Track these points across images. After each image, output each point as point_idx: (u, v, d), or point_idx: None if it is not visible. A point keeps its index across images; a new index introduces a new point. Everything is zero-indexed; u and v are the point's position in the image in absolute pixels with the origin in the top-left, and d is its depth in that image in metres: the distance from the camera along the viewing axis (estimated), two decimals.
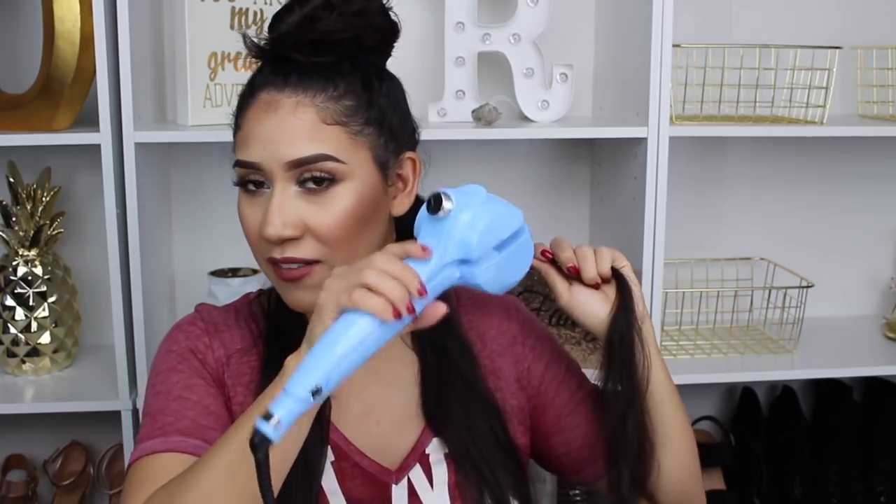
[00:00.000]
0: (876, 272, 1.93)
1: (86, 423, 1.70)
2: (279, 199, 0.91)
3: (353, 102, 0.93)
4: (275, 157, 0.91)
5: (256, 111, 0.93)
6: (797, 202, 1.89)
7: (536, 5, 1.58)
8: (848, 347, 1.75)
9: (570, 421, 1.10)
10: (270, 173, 0.92)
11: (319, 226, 0.92)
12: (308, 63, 0.92)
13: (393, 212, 0.99)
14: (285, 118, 0.91)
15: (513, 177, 1.78)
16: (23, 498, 1.67)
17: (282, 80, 0.93)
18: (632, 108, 1.56)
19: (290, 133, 0.91)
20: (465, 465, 1.00)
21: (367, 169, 0.94)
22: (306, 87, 0.92)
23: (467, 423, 1.02)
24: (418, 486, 1.01)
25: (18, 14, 1.61)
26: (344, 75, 0.93)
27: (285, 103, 0.92)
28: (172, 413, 0.95)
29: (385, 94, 0.97)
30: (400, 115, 0.99)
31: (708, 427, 1.90)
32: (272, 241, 0.92)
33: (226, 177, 1.77)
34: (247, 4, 1.53)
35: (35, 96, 1.46)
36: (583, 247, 1.03)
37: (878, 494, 1.81)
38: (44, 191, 1.54)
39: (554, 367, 1.11)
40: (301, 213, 0.92)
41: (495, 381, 1.07)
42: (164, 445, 0.92)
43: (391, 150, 0.97)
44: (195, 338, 1.00)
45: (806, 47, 1.65)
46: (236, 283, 1.56)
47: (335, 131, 0.92)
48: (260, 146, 0.92)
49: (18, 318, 1.53)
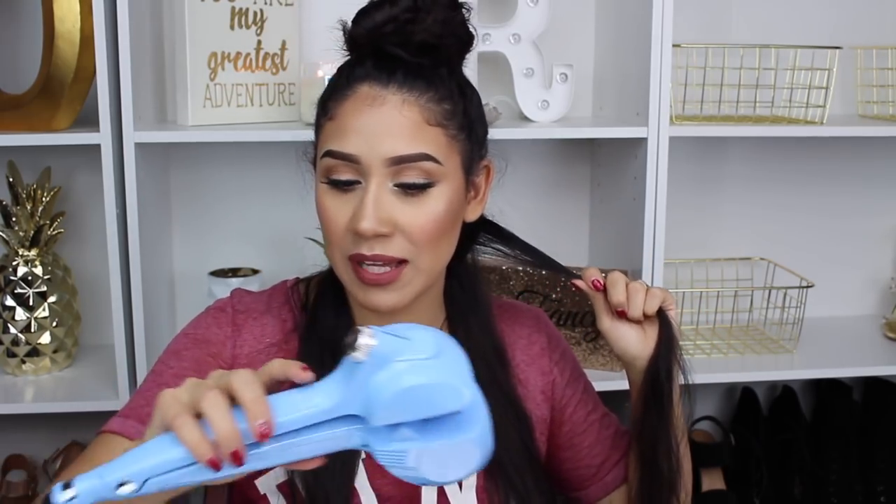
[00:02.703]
0: (876, 272, 1.93)
1: (86, 423, 1.69)
2: (375, 194, 0.90)
3: (451, 107, 0.94)
4: (375, 152, 0.90)
5: (357, 103, 0.92)
6: (797, 202, 1.89)
7: (536, 5, 1.58)
8: (848, 347, 1.75)
9: (582, 439, 1.13)
10: (368, 167, 0.91)
11: (412, 226, 0.91)
12: (414, 63, 0.92)
13: (466, 217, 1.00)
14: (390, 114, 0.91)
15: (513, 177, 1.76)
16: (23, 498, 1.67)
17: (386, 76, 0.92)
18: (632, 108, 1.56)
19: (394, 129, 0.90)
20: (495, 470, 1.01)
21: (458, 173, 0.95)
22: (412, 86, 0.92)
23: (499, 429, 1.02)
24: (448, 488, 1.01)
25: (18, 14, 1.61)
26: (443, 79, 0.94)
27: (391, 99, 0.91)
28: (147, 399, 0.94)
29: (475, 104, 0.98)
30: (483, 124, 1.01)
31: (708, 427, 1.90)
32: (366, 235, 0.90)
33: (226, 177, 1.77)
34: (247, 4, 1.53)
35: (35, 96, 1.46)
36: (636, 283, 1.04)
37: (878, 494, 1.81)
38: (44, 191, 1.54)
39: (574, 384, 1.14)
40: (394, 212, 0.91)
41: (523, 391, 1.08)
42: (119, 427, 0.93)
43: (476, 157, 0.98)
44: (219, 326, 1.00)
45: (806, 47, 1.65)
46: (236, 283, 1.56)
47: (436, 133, 0.92)
48: (361, 139, 0.91)
49: (18, 318, 1.53)
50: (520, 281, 1.61)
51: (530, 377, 1.10)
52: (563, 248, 1.79)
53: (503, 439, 1.01)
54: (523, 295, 1.61)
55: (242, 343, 1.00)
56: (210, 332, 1.00)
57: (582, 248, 1.82)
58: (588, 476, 1.14)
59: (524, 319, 1.13)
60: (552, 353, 1.12)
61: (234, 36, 1.53)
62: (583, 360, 1.60)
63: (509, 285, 1.61)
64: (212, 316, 1.01)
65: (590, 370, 1.59)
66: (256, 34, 1.55)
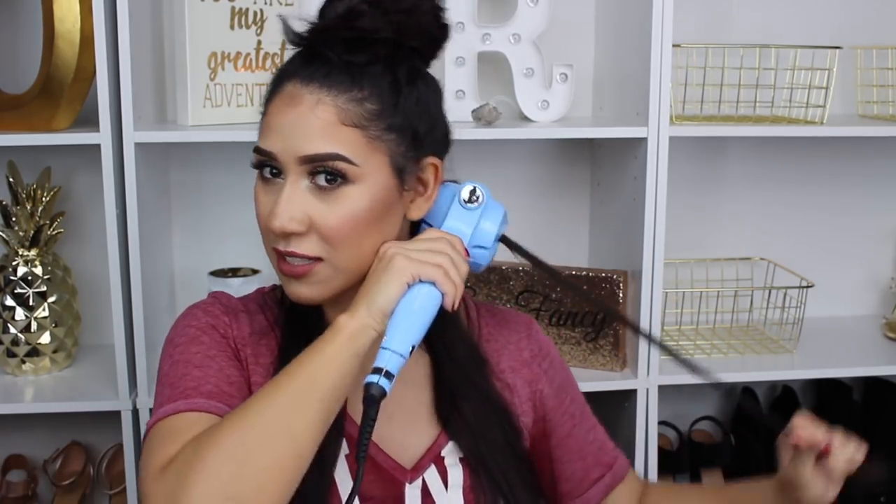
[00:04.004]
0: (876, 272, 1.93)
1: (86, 423, 1.70)
2: (289, 193, 0.91)
3: (377, 107, 0.92)
4: (290, 151, 0.91)
5: (280, 102, 0.93)
6: (797, 202, 1.89)
7: (536, 5, 1.58)
8: (848, 347, 1.75)
9: (562, 454, 1.12)
10: (285, 165, 0.92)
11: (325, 225, 0.91)
12: (339, 61, 0.91)
13: (410, 215, 0.98)
14: (304, 114, 0.91)
15: (513, 177, 1.78)
16: (23, 498, 1.67)
17: (308, 75, 0.92)
18: (632, 108, 1.56)
19: (306, 129, 0.91)
20: (481, 471, 1.01)
21: (382, 173, 0.93)
22: (331, 86, 0.91)
23: (482, 431, 1.02)
24: (433, 488, 1.01)
25: (18, 14, 1.61)
26: (373, 77, 0.92)
27: (307, 99, 0.91)
28: (195, 379, 0.93)
29: (414, 99, 0.96)
30: (429, 120, 0.98)
31: (708, 427, 1.90)
32: (276, 233, 0.92)
33: (226, 177, 1.78)
34: (247, 4, 1.53)
35: (35, 96, 1.46)
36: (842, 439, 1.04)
37: (878, 494, 1.81)
38: (44, 191, 1.54)
39: (562, 394, 1.12)
40: (309, 209, 0.91)
41: (509, 396, 1.07)
42: (187, 406, 0.90)
43: (412, 156, 0.95)
44: (215, 316, 1.00)
45: (806, 47, 1.65)
46: (236, 283, 1.56)
47: (352, 133, 0.91)
48: (278, 138, 0.92)
49: (18, 318, 1.53)
50: (520, 281, 1.61)
51: (518, 383, 1.09)
52: (563, 248, 1.80)
53: (488, 443, 1.01)
54: (523, 295, 1.61)
55: (238, 328, 1.00)
56: (212, 320, 0.99)
57: (582, 248, 1.82)
58: (567, 491, 1.13)
59: (513, 326, 1.12)
60: (541, 361, 1.11)
61: (234, 36, 1.53)
62: (583, 360, 1.60)
63: (509, 285, 1.61)
64: (204, 310, 1.01)
65: (590, 370, 1.60)
66: (256, 34, 1.55)
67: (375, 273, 0.91)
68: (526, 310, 1.61)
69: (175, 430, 0.87)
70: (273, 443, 0.81)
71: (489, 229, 0.98)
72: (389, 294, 0.89)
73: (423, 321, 0.89)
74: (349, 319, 0.88)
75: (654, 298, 1.53)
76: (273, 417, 0.83)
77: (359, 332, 0.88)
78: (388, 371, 0.85)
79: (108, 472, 1.69)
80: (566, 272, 1.59)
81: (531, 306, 1.61)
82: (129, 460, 1.47)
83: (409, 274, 0.90)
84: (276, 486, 0.81)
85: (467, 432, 1.02)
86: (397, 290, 0.89)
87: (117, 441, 1.58)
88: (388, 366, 0.85)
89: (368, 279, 0.92)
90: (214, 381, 0.93)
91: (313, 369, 0.86)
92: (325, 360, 0.86)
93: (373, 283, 0.90)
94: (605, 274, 1.57)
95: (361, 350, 0.88)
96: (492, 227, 0.99)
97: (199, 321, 0.99)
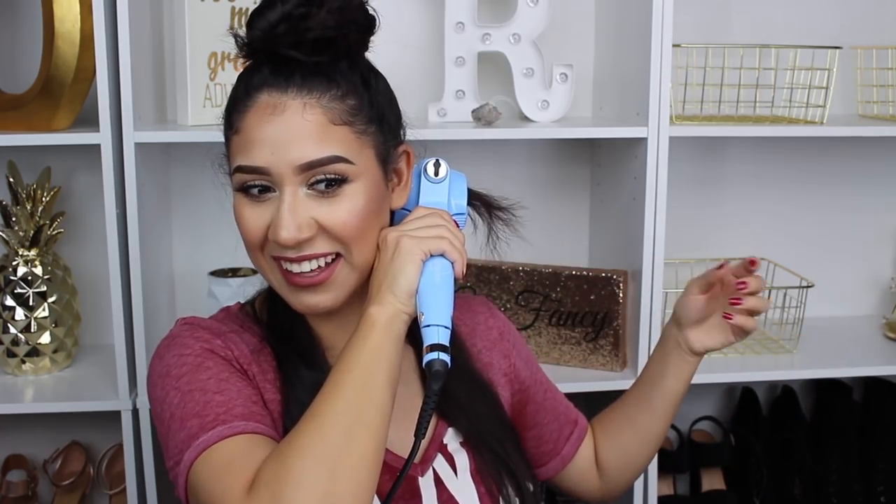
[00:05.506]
0: (876, 272, 1.93)
1: (86, 423, 1.70)
2: (291, 203, 0.90)
3: (356, 101, 0.93)
4: (284, 161, 0.89)
5: (259, 114, 0.91)
6: (797, 202, 1.89)
7: (536, 5, 1.58)
8: (848, 347, 1.75)
9: (543, 416, 1.18)
10: (279, 177, 0.90)
11: (333, 224, 0.91)
12: (310, 63, 0.91)
13: (392, 205, 0.99)
14: (292, 120, 0.89)
15: (513, 177, 1.78)
16: (23, 498, 1.67)
17: (284, 81, 0.90)
18: (632, 108, 1.56)
19: (299, 135, 0.89)
20: (482, 449, 1.04)
21: (373, 167, 0.94)
22: (311, 88, 0.90)
23: (474, 408, 1.06)
24: (444, 476, 1.02)
25: (18, 14, 1.61)
26: (344, 74, 0.92)
27: (292, 105, 0.90)
28: (220, 404, 0.90)
29: (382, 90, 0.97)
30: (394, 110, 1.00)
31: (708, 427, 1.90)
32: (288, 244, 0.90)
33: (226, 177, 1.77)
34: (247, 4, 1.53)
35: (35, 96, 1.46)
36: None
37: (878, 494, 1.81)
38: (44, 191, 1.54)
39: (530, 365, 1.18)
40: (313, 214, 0.91)
41: (487, 374, 1.11)
42: (230, 430, 0.87)
43: (391, 145, 0.97)
44: (206, 340, 0.95)
45: (806, 47, 1.65)
46: (236, 283, 1.56)
47: (343, 131, 0.91)
48: (267, 150, 0.90)
49: (18, 318, 1.53)
50: (520, 281, 1.61)
51: (493, 360, 1.13)
52: (563, 247, 1.80)
53: (480, 419, 1.05)
54: (523, 295, 1.61)
55: (234, 347, 0.97)
56: (206, 345, 0.95)
57: (582, 247, 1.82)
58: (547, 451, 1.19)
59: (476, 307, 1.16)
60: (509, 336, 1.16)
61: None
62: (583, 360, 1.60)
63: (509, 285, 1.61)
64: (190, 337, 0.96)
65: (590, 370, 1.60)
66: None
67: (385, 260, 0.92)
68: (526, 310, 1.61)
69: (234, 456, 0.86)
70: (356, 438, 0.83)
71: (461, 196, 1.02)
72: (409, 275, 0.90)
73: (449, 291, 0.92)
74: (380, 309, 0.89)
75: (654, 298, 1.54)
76: (347, 415, 0.84)
77: (393, 318, 0.89)
78: (442, 344, 0.88)
79: (108, 472, 1.69)
80: (566, 272, 1.59)
81: (531, 306, 1.61)
82: (128, 460, 1.47)
83: (420, 251, 0.91)
84: (369, 477, 0.83)
85: (461, 411, 1.05)
86: (415, 269, 0.90)
87: (117, 441, 1.58)
88: (441, 339, 0.88)
89: (378, 269, 0.92)
90: (241, 403, 0.91)
91: (367, 362, 0.87)
92: (373, 352, 0.87)
93: (387, 269, 0.91)
94: (605, 274, 1.57)
95: (400, 334, 0.90)
96: (462, 193, 1.02)
97: (193, 349, 0.95)
